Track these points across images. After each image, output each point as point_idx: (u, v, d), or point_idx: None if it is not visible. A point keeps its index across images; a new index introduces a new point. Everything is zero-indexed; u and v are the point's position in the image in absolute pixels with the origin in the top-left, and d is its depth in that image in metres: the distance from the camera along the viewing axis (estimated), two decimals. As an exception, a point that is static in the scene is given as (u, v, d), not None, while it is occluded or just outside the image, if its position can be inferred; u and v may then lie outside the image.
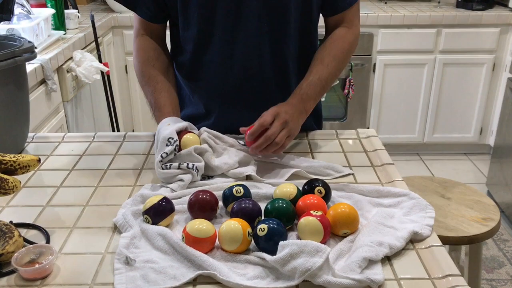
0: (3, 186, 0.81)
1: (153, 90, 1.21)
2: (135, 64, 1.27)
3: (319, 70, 1.20)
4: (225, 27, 1.17)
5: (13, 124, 1.16)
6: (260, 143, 1.06)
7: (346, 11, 1.24)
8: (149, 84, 1.22)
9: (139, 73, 1.25)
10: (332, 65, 1.21)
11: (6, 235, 0.81)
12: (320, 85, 1.19)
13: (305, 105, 1.17)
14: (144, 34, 1.26)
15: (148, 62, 1.24)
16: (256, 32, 1.18)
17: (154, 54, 1.25)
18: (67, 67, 2.17)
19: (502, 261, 2.41)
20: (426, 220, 0.88)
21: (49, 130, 1.97)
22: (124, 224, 0.88)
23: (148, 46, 1.25)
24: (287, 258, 0.74)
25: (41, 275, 0.76)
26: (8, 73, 1.10)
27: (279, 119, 1.08)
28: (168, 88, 1.22)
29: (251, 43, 1.19)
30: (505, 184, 2.75)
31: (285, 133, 1.08)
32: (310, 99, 1.17)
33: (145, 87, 1.23)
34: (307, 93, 1.17)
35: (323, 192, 0.93)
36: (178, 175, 1.02)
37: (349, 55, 1.27)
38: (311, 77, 1.19)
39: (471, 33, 3.10)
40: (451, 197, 1.61)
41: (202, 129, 1.13)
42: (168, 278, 0.76)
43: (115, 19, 2.97)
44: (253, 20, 1.16)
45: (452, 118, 3.33)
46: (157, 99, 1.19)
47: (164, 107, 1.18)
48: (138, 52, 1.26)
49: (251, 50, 1.19)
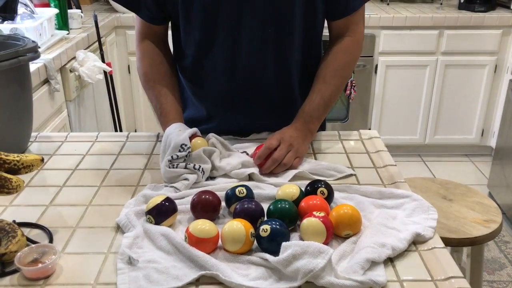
0: (7, 186, 0.82)
1: (158, 95, 1.21)
2: (139, 69, 1.27)
3: (321, 89, 1.20)
4: (227, 32, 1.17)
5: (16, 124, 1.16)
6: (268, 166, 1.08)
7: (350, 16, 1.23)
8: (154, 88, 1.22)
9: (143, 77, 1.25)
10: (334, 82, 1.21)
11: (9, 235, 0.81)
12: (323, 105, 1.19)
13: (309, 127, 1.18)
14: (147, 38, 1.26)
15: (152, 67, 1.24)
16: (259, 38, 1.17)
17: (158, 58, 1.25)
18: (70, 67, 2.17)
19: (504, 262, 2.41)
20: (428, 221, 0.88)
21: (52, 129, 1.97)
22: (127, 224, 0.88)
23: (151, 50, 1.26)
24: (289, 259, 0.74)
25: (44, 275, 0.77)
26: (12, 72, 1.10)
27: (284, 142, 1.11)
28: (172, 93, 1.23)
29: (254, 49, 1.18)
30: (506, 186, 2.74)
31: (292, 154, 1.10)
32: (313, 120, 1.19)
33: (149, 91, 1.23)
34: (310, 115, 1.18)
35: (326, 193, 0.94)
36: (183, 175, 1.02)
37: (353, 66, 1.27)
38: (314, 97, 1.19)
39: (473, 35, 3.10)
40: (453, 199, 1.61)
41: (210, 134, 1.14)
42: (171, 278, 0.76)
43: (118, 19, 2.97)
44: (257, 26, 1.16)
45: (453, 120, 3.33)
46: (162, 105, 1.20)
47: (169, 112, 1.19)
48: (142, 57, 1.26)
49: (254, 56, 1.19)
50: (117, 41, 3.00)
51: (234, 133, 1.24)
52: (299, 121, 1.18)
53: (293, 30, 1.18)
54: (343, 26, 1.24)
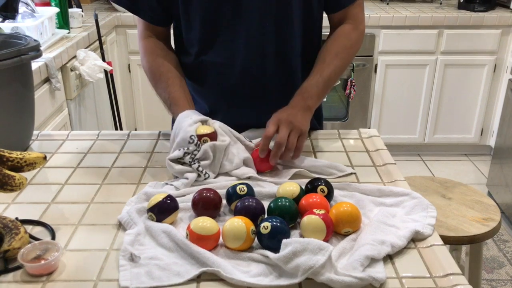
0: (10, 183, 0.82)
1: (166, 86, 1.20)
2: (144, 65, 1.27)
3: (320, 69, 1.20)
4: (227, 28, 1.18)
5: (18, 122, 1.16)
6: (275, 152, 1.06)
7: (349, 8, 1.24)
8: (162, 80, 1.21)
9: (150, 72, 1.25)
10: (334, 63, 1.21)
11: (12, 231, 0.82)
12: (322, 83, 1.18)
13: (307, 103, 1.15)
14: (150, 36, 1.26)
15: (157, 61, 1.24)
16: (259, 32, 1.18)
17: (161, 53, 1.25)
18: (71, 66, 2.18)
19: (502, 261, 2.42)
20: (427, 219, 0.89)
21: (53, 128, 1.98)
22: (129, 221, 0.89)
23: (155, 45, 1.26)
24: (290, 255, 0.75)
25: (47, 271, 0.77)
26: (14, 71, 1.11)
27: (282, 124, 1.09)
28: (180, 82, 1.22)
29: (254, 43, 1.19)
30: (505, 185, 2.75)
31: (294, 133, 1.08)
32: (312, 97, 1.17)
33: (157, 84, 1.23)
34: (308, 91, 1.17)
35: (326, 191, 0.94)
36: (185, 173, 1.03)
37: (353, 52, 1.26)
38: (312, 77, 1.19)
39: (472, 35, 3.11)
40: (452, 197, 1.61)
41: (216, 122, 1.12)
42: (172, 274, 0.76)
43: (119, 18, 2.97)
44: (256, 20, 1.17)
45: (453, 119, 3.33)
46: (171, 94, 1.19)
47: (180, 100, 1.17)
48: (145, 53, 1.26)
49: (254, 50, 1.20)
50: (117, 40, 3.00)
51: (237, 127, 1.24)
52: (296, 97, 1.16)
53: (291, 23, 1.19)
54: (342, 17, 1.26)
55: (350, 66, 3.12)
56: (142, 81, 3.11)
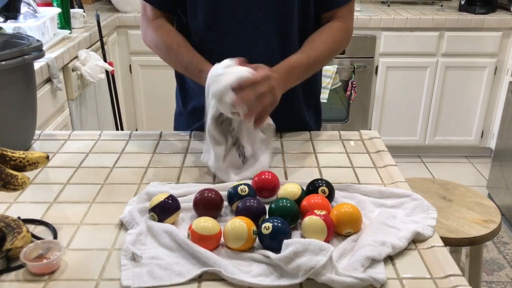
0: (13, 182, 0.82)
1: (187, 51, 1.19)
2: (158, 41, 1.24)
3: (308, 50, 1.20)
4: (232, 16, 1.19)
5: (21, 122, 1.17)
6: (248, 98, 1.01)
7: (340, 9, 1.26)
8: (180, 48, 1.20)
9: (164, 45, 1.23)
10: (321, 49, 1.21)
11: (14, 231, 0.82)
12: (306, 65, 1.17)
13: (288, 80, 1.14)
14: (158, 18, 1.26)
15: (171, 34, 1.23)
16: (263, 21, 1.19)
17: (173, 29, 1.25)
18: (72, 66, 2.18)
19: (502, 263, 2.42)
20: (428, 220, 0.89)
21: (54, 128, 1.98)
22: (131, 221, 0.89)
23: (165, 24, 1.25)
24: (291, 256, 0.75)
25: (49, 270, 0.78)
26: (17, 71, 1.11)
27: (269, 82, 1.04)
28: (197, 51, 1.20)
29: (258, 32, 1.20)
30: (505, 188, 2.75)
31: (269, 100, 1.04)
32: (294, 76, 1.15)
33: (176, 53, 1.20)
34: (294, 67, 1.15)
35: (327, 192, 0.95)
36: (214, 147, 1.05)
37: (339, 47, 1.27)
38: (300, 55, 1.17)
39: (473, 37, 3.12)
40: (452, 199, 1.62)
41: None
42: (174, 274, 0.77)
43: (120, 19, 2.98)
44: (260, 8, 1.18)
45: (453, 121, 3.34)
46: (194, 57, 1.17)
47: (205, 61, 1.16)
48: (157, 28, 1.25)
49: (258, 39, 1.21)
50: (118, 40, 3.01)
51: None
52: (283, 68, 1.13)
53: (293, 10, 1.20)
54: (331, 17, 1.27)
55: (351, 68, 3.13)
56: (143, 82, 3.12)
